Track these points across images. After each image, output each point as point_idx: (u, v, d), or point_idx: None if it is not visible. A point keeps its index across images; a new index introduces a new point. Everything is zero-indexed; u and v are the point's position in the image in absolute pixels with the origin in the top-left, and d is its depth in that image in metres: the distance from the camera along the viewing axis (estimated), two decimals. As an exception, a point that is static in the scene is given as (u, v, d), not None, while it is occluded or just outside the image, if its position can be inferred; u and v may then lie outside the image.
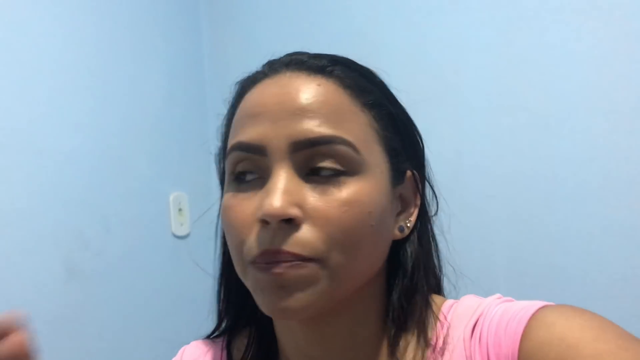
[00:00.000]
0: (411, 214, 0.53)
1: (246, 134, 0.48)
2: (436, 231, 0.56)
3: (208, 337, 0.61)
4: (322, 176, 0.46)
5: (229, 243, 0.49)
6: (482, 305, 0.50)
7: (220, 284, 0.58)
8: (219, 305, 0.58)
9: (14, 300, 1.16)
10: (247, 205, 0.47)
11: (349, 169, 0.47)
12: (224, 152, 0.54)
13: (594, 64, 1.06)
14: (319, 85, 0.48)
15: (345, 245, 0.45)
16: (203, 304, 0.64)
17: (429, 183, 0.56)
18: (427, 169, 0.56)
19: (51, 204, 1.25)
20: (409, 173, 0.53)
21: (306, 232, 0.44)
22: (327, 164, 0.46)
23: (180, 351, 0.62)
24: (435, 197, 0.57)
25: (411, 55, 1.26)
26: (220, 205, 0.57)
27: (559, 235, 1.10)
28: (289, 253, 0.44)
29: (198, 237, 1.53)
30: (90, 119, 1.35)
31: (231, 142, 0.50)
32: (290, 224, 0.44)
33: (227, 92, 0.56)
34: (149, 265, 1.43)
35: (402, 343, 0.50)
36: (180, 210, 1.53)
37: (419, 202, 0.54)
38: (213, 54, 1.66)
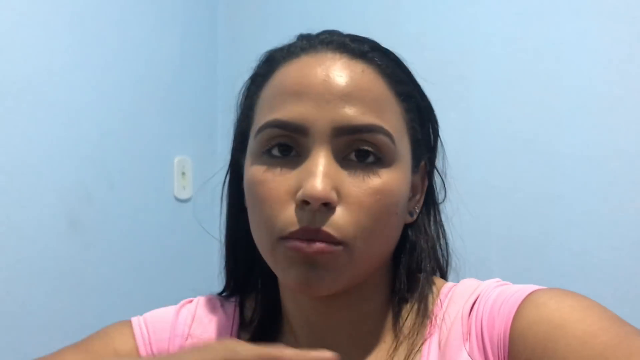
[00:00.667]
0: (419, 200, 0.55)
1: (287, 112, 0.48)
2: (443, 218, 0.58)
3: (220, 294, 0.62)
4: (358, 163, 0.47)
5: (255, 215, 0.50)
6: (480, 286, 0.51)
7: (227, 249, 0.59)
8: (227, 268, 0.59)
9: (16, 250, 1.18)
10: (282, 181, 0.47)
11: (385, 158, 0.48)
12: (246, 120, 0.54)
13: (605, 61, 1.06)
14: (362, 71, 0.49)
15: (372, 231, 0.47)
16: (201, 266, 0.65)
17: (439, 173, 0.58)
18: (439, 159, 0.57)
19: (57, 157, 1.26)
20: (422, 162, 0.55)
21: (340, 216, 0.46)
22: (364, 147, 0.47)
23: (196, 299, 0.62)
24: (444, 185, 0.58)
25: (422, 46, 1.25)
26: (227, 174, 0.58)
27: (553, 230, 1.11)
28: (326, 233, 0.45)
29: (200, 202, 1.54)
30: (102, 77, 1.35)
31: (267, 117, 0.49)
32: (327, 206, 0.46)
33: (239, 60, 0.56)
34: (150, 226, 1.45)
35: (403, 317, 0.52)
36: (183, 174, 1.54)
37: (425, 189, 0.56)
38: (227, 19, 1.65)
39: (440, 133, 0.57)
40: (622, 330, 0.41)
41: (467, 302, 0.50)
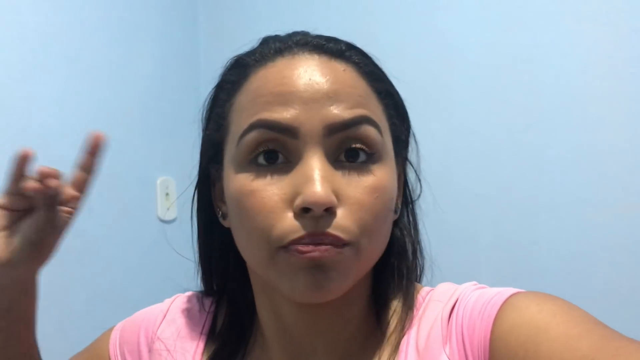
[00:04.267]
0: (399, 197, 0.55)
1: (274, 112, 0.46)
2: (417, 217, 0.57)
3: (202, 292, 0.62)
4: (350, 162, 0.47)
5: (245, 228, 0.47)
6: (458, 290, 0.51)
7: (203, 263, 0.59)
8: (204, 280, 0.60)
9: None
10: (274, 190, 0.46)
11: (376, 153, 0.48)
12: (219, 130, 0.52)
13: (586, 66, 1.07)
14: (344, 70, 0.49)
15: (373, 229, 0.46)
16: (187, 288, 0.64)
17: (414, 168, 0.57)
18: (412, 154, 0.57)
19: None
20: (400, 158, 0.54)
21: (343, 218, 0.45)
22: (355, 145, 0.47)
23: (173, 297, 0.64)
24: (420, 181, 0.58)
25: (404, 52, 1.26)
26: (197, 187, 0.58)
27: (540, 236, 1.11)
28: (333, 236, 0.44)
29: (185, 222, 1.52)
30: (79, 99, 1.33)
31: (251, 119, 0.47)
32: (329, 211, 0.44)
33: (221, 76, 0.55)
34: (134, 248, 1.43)
35: (386, 320, 0.52)
36: (167, 194, 1.52)
37: (402, 186, 0.56)
38: (209, 39, 1.65)
39: (424, 143, 0.57)
40: (605, 332, 0.41)
41: (446, 306, 0.50)
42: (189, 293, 0.63)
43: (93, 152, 0.59)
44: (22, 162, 0.53)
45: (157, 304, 0.64)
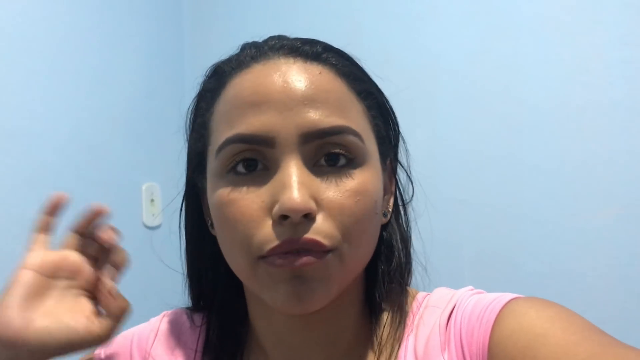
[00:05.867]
0: (389, 200, 0.54)
1: (249, 125, 0.45)
2: (411, 218, 0.57)
3: (190, 308, 0.60)
4: (330, 167, 0.46)
5: (228, 238, 0.47)
6: (455, 296, 0.51)
7: (191, 273, 0.57)
8: (191, 291, 0.58)
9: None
10: (253, 198, 0.45)
11: (357, 158, 0.46)
12: (201, 139, 0.52)
13: (567, 75, 1.09)
14: (320, 73, 0.47)
15: (357, 234, 0.45)
16: (172, 295, 0.64)
17: (405, 169, 0.57)
18: (401, 155, 0.56)
19: (18, 188, 1.22)
20: (388, 161, 0.54)
21: (323, 223, 0.44)
22: (335, 150, 0.46)
23: (161, 315, 0.62)
24: (411, 182, 0.57)
25: (388, 60, 1.27)
26: (184, 197, 0.57)
27: (524, 242, 1.12)
28: (313, 241, 0.43)
29: (170, 229, 1.51)
30: (64, 105, 1.32)
31: (226, 134, 0.46)
32: (307, 217, 0.44)
33: (206, 83, 0.55)
34: (118, 255, 1.41)
35: (380, 328, 0.51)
36: (152, 200, 1.51)
37: (394, 188, 0.55)
38: (193, 44, 1.65)
39: (403, 151, 0.57)
40: (603, 339, 0.41)
41: (444, 312, 0.49)
42: (176, 310, 0.62)
43: (52, 212, 0.55)
44: (93, 216, 0.54)
45: (143, 324, 0.62)
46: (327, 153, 0.46)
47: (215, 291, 0.56)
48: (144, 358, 0.57)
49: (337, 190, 0.45)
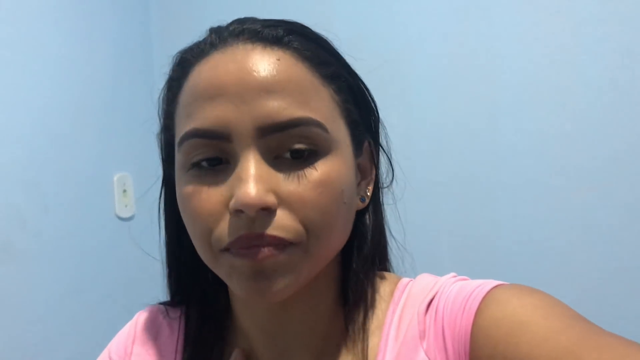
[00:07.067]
0: (369, 184, 0.53)
1: (204, 119, 0.44)
2: (389, 202, 0.56)
3: (164, 303, 0.60)
4: (292, 159, 0.44)
5: (191, 232, 0.47)
6: (438, 283, 0.50)
7: (170, 264, 0.56)
8: (170, 282, 0.57)
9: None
10: (213, 193, 0.44)
11: (320, 149, 0.45)
12: (169, 130, 0.51)
13: (543, 55, 1.09)
14: (278, 59, 0.45)
15: (322, 226, 0.44)
16: (147, 286, 0.63)
17: (385, 152, 0.56)
18: (382, 138, 0.55)
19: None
20: (366, 143, 0.52)
21: (284, 217, 0.43)
22: (297, 146, 0.44)
23: (135, 316, 0.61)
24: (392, 166, 0.56)
25: (362, 43, 1.26)
26: (162, 188, 0.56)
27: (500, 222, 1.14)
28: (273, 237, 0.42)
29: (143, 219, 1.49)
30: (33, 95, 1.29)
31: (185, 127, 0.45)
32: (267, 211, 0.43)
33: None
34: (91, 247, 1.39)
35: (356, 316, 0.50)
36: (124, 191, 1.48)
37: (374, 172, 0.54)
38: (161, 33, 1.61)
39: (383, 134, 0.56)
40: (586, 327, 0.41)
41: (424, 301, 0.49)
42: (150, 308, 0.61)
43: None
44: None
45: (118, 333, 0.61)
46: (287, 146, 0.44)
47: (196, 281, 0.56)
48: None
49: (298, 184, 0.44)
